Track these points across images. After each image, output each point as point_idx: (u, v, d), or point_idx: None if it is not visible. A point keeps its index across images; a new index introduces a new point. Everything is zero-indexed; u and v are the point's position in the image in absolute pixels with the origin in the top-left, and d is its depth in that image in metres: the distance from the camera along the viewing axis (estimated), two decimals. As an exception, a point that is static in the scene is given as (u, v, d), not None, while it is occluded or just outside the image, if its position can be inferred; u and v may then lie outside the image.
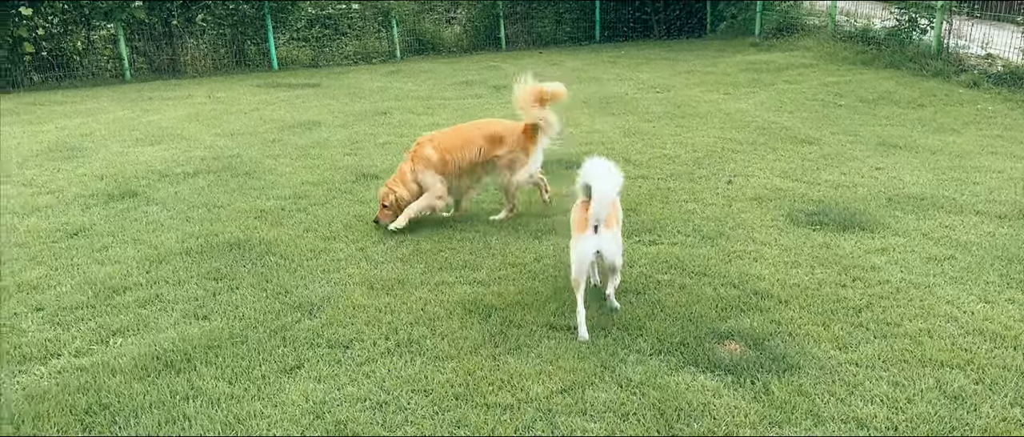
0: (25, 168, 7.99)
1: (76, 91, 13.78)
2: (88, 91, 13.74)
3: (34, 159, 8.36)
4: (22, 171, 7.86)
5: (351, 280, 4.99)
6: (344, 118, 10.45)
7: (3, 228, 6.09)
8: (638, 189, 6.86)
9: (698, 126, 9.39)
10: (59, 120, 10.65)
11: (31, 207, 6.60)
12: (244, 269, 5.18)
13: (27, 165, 8.12)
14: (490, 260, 5.28)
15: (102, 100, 12.44)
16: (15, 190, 7.15)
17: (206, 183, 7.26)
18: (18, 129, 10.12)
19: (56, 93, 13.52)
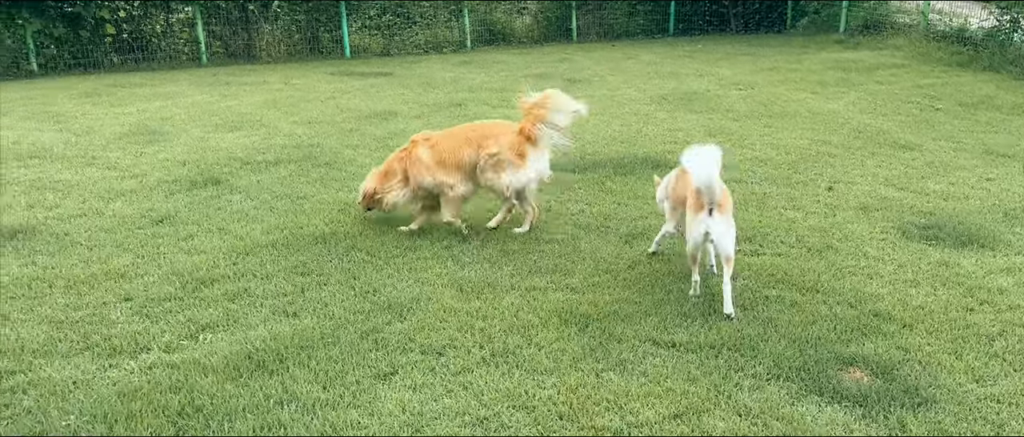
0: (109, 150, 8.05)
1: (154, 74, 13.97)
2: (166, 74, 13.91)
3: (117, 142, 8.42)
4: (106, 153, 7.91)
5: (439, 281, 4.81)
6: (419, 109, 10.32)
7: (90, 212, 6.09)
8: (733, 194, 6.52)
9: (788, 127, 8.99)
10: (140, 103, 10.76)
11: (116, 192, 6.60)
12: (331, 264, 5.05)
13: (110, 147, 8.17)
14: (582, 265, 5.04)
15: (180, 83, 12.57)
16: (100, 173, 7.18)
17: (288, 172, 7.18)
18: (101, 110, 10.25)
19: (135, 75, 13.71)
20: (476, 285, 4.74)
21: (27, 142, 8.34)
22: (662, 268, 4.97)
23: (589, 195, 6.51)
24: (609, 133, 8.79)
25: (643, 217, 5.95)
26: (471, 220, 5.79)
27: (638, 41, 18.39)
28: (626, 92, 11.42)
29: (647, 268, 4.98)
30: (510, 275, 4.90)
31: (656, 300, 4.48)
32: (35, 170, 7.25)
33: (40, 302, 4.50)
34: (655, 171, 6.91)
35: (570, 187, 6.74)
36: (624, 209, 6.16)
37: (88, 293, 4.63)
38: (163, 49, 15.28)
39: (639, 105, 10.45)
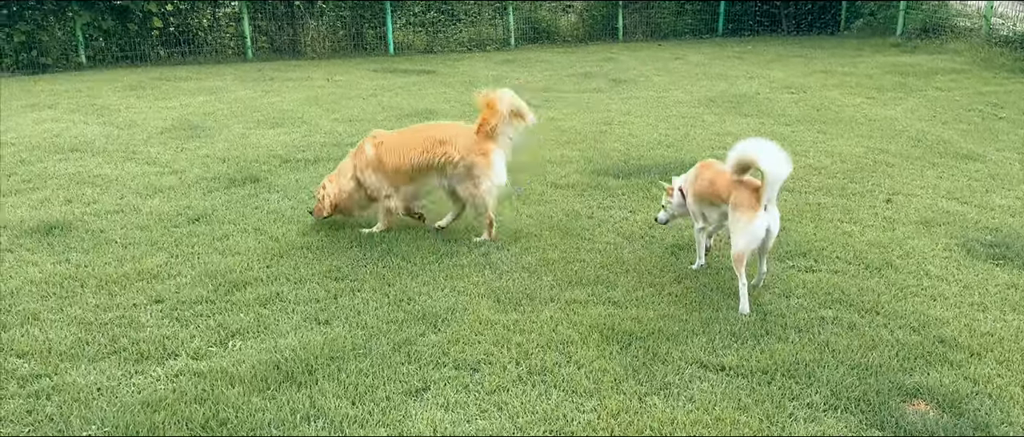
0: (150, 145, 8.03)
1: (200, 67, 14.04)
2: (211, 68, 13.98)
3: (159, 136, 8.42)
4: (147, 148, 7.90)
5: (476, 290, 4.63)
6: (461, 108, 10.15)
7: (127, 208, 6.04)
8: (784, 204, 6.23)
9: (842, 133, 8.64)
10: (183, 97, 10.78)
11: (154, 188, 6.55)
12: (365, 269, 4.90)
13: (152, 142, 8.16)
14: (624, 278, 4.82)
15: (225, 78, 12.59)
16: (139, 168, 7.15)
17: (326, 171, 7.03)
18: (144, 104, 10.29)
19: (180, 69, 13.80)
20: (514, 296, 4.56)
21: (70, 135, 8.37)
22: (710, 282, 4.73)
23: (633, 201, 6.28)
24: (655, 137, 8.53)
25: (690, 226, 5.69)
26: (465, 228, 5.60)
27: (686, 41, 18.02)
28: (673, 94, 11.13)
29: (693, 282, 4.74)
30: (549, 286, 4.70)
31: (704, 318, 4.24)
32: (75, 163, 7.25)
33: (71, 302, 4.43)
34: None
35: (614, 193, 6.52)
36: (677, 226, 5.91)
37: (119, 293, 4.54)
38: (209, 43, 15.37)
39: (687, 108, 10.16)
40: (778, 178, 4.10)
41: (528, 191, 6.55)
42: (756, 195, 4.22)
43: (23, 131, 8.54)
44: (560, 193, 6.55)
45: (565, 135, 8.62)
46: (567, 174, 7.07)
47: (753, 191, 4.26)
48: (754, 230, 4.22)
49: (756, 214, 4.20)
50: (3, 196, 6.32)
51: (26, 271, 4.83)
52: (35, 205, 6.09)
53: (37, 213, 5.89)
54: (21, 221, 5.70)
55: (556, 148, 8.04)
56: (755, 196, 4.22)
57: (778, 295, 4.57)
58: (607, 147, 8.08)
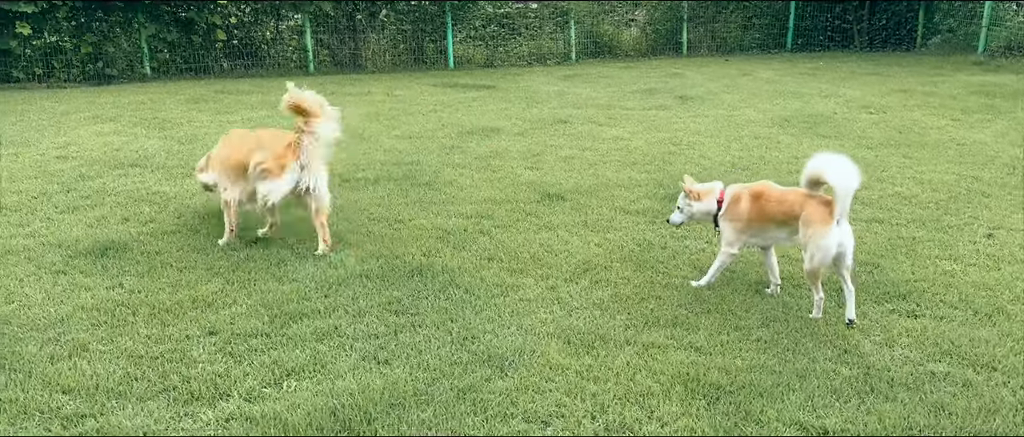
0: (210, 161, 7.92)
1: (262, 80, 14.06)
2: (273, 81, 13.97)
3: (219, 152, 8.31)
4: (207, 164, 7.78)
5: (544, 329, 4.31)
6: (522, 125, 9.88)
7: (184, 229, 5.89)
8: (875, 236, 5.79)
9: (930, 159, 8.09)
10: (245, 111, 10.73)
11: (212, 207, 6.39)
12: (426, 302, 4.62)
13: (212, 158, 8.05)
14: (706, 319, 4.44)
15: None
16: (199, 187, 7.01)
17: (386, 192, 6.84)
18: (206, 117, 10.26)
19: (243, 82, 13.83)
20: (585, 337, 4.22)
21: (130, 149, 8.32)
22: (801, 327, 4.32)
23: (709, 231, 5.88)
24: (728, 159, 8.11)
25: (779, 260, 5.29)
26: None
27: (753, 56, 17.49)
28: (744, 112, 10.67)
29: (783, 326, 4.34)
30: (624, 326, 4.35)
31: (799, 369, 3.84)
32: (134, 179, 7.16)
33: (122, 331, 4.23)
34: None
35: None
36: (752, 250, 5.50)
37: (173, 323, 4.34)
38: (272, 56, 15.42)
39: (759, 127, 9.70)
40: (847, 191, 4.12)
41: (596, 218, 6.21)
42: (829, 209, 4.23)
43: (85, 144, 8.52)
44: (630, 220, 6.19)
45: (631, 156, 8.26)
46: (636, 199, 6.71)
47: (825, 205, 4.27)
48: (827, 245, 4.22)
49: (829, 228, 4.20)
50: (62, 213, 6.23)
51: (78, 296, 4.67)
52: (92, 223, 5.98)
53: (93, 232, 5.77)
54: (77, 240, 5.58)
55: (622, 169, 7.69)
56: (828, 210, 4.23)
57: (879, 344, 4.14)
58: (677, 170, 7.68)
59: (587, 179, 7.34)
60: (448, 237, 5.73)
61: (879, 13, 17.47)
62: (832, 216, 4.20)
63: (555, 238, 5.75)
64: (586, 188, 7.02)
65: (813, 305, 4.47)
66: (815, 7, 17.87)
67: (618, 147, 8.64)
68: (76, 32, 13.59)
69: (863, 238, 5.73)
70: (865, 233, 5.86)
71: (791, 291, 4.82)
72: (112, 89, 12.93)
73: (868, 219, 6.17)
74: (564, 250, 5.51)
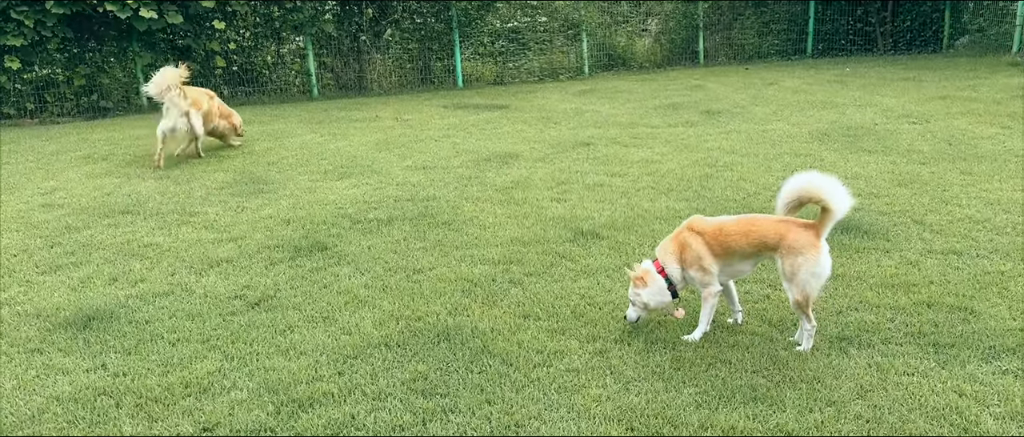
0: (208, 204, 7.28)
1: (264, 107, 13.45)
2: (276, 108, 13.37)
3: (217, 193, 7.67)
4: (204, 208, 7.14)
5: (600, 410, 3.64)
6: (542, 150, 9.22)
7: (178, 289, 5.24)
8: (957, 272, 5.10)
9: (991, 174, 7.39)
10: (246, 143, 10.10)
11: (210, 260, 5.75)
12: (457, 377, 3.96)
13: (210, 200, 7.41)
14: (790, 389, 3.76)
15: (289, 121, 11.92)
16: (194, 234, 6.38)
17: (402, 235, 6.18)
18: (204, 153, 9.63)
19: (243, 110, 13.14)
20: (650, 420, 3.55)
21: (122, 193, 7.69)
22: (903, 398, 3.64)
23: (771, 273, 5.20)
24: (770, 181, 7.43)
25: (856, 306, 4.62)
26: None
27: (773, 64, 16.81)
28: (778, 126, 9.99)
29: (882, 396, 3.66)
30: (694, 403, 3.68)
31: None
32: (125, 229, 6.52)
33: (101, 430, 3.58)
34: (846, 235, 5.58)
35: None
36: (825, 294, 4.82)
37: (161, 417, 3.69)
38: (273, 81, 14.83)
39: (798, 143, 9.02)
40: (843, 214, 3.99)
41: (638, 259, 5.53)
42: (814, 232, 4.00)
43: (74, 189, 7.89)
44: (677, 261, 5.50)
45: (664, 181, 7.59)
46: (680, 234, 6.02)
47: (808, 229, 4.02)
48: (821, 272, 3.99)
49: (820, 253, 3.98)
50: (43, 273, 5.59)
51: (54, 383, 4.02)
52: (75, 286, 5.33)
53: (77, 297, 5.13)
54: (57, 308, 4.94)
55: (657, 198, 7.02)
56: (813, 234, 4.00)
57: (1002, 418, 3.47)
58: (718, 196, 7.02)
59: (621, 211, 6.67)
60: (475, 289, 5.07)
61: (903, 14, 16.78)
62: (819, 239, 3.98)
63: (596, 286, 5.09)
64: (621, 222, 6.35)
65: (803, 336, 4.16)
66: (835, 9, 17.19)
67: (649, 171, 7.97)
68: (69, 64, 13.01)
69: (946, 275, 5.05)
70: (946, 268, 5.17)
71: (882, 349, 4.14)
72: (107, 123, 12.32)
73: (945, 251, 5.48)
74: (608, 301, 4.84)
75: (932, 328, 4.34)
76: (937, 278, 5.03)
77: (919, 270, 5.17)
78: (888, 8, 16.83)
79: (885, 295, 4.81)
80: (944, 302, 4.67)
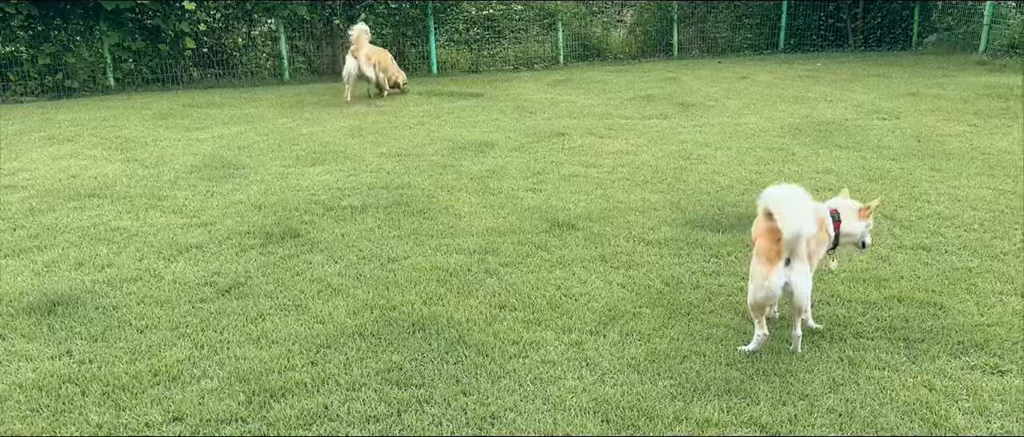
0: (177, 187, 7.16)
1: (234, 91, 13.23)
2: (246, 92, 13.16)
3: (187, 176, 7.54)
4: (174, 192, 7.01)
5: (574, 401, 3.64)
6: (518, 139, 9.18)
7: (147, 274, 5.14)
8: (927, 268, 5.17)
9: (959, 171, 7.50)
10: (216, 127, 9.93)
11: (180, 246, 5.65)
12: (432, 367, 3.93)
13: (179, 183, 7.28)
14: (764, 384, 3.79)
15: (261, 105, 11.74)
16: (163, 219, 6.26)
17: (376, 223, 6.12)
18: (175, 135, 9.46)
19: (214, 93, 13.00)
20: (626, 412, 3.55)
21: (88, 175, 7.52)
22: (877, 393, 3.68)
23: (742, 264, 5.23)
24: (744, 174, 7.48)
25: (828, 300, 4.66)
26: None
27: (746, 57, 16.91)
28: (751, 120, 10.05)
29: (854, 391, 3.70)
30: (669, 394, 3.69)
31: (890, 457, 3.20)
32: (92, 213, 6.38)
33: (66, 419, 3.51)
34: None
35: (717, 252, 5.49)
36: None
37: (129, 406, 3.61)
38: (244, 64, 14.60)
39: (770, 137, 9.08)
40: (793, 240, 3.73)
41: (614, 251, 5.54)
42: (777, 247, 3.82)
43: (38, 171, 7.71)
44: (652, 252, 5.53)
45: (640, 172, 7.60)
46: (655, 226, 6.05)
47: (775, 241, 3.83)
48: (769, 285, 3.86)
49: (774, 268, 3.84)
50: (6, 257, 5.46)
51: (17, 369, 3.93)
52: (40, 270, 5.21)
53: (41, 282, 5.01)
54: (21, 293, 4.82)
55: (633, 189, 7.03)
56: (775, 248, 3.83)
57: (971, 412, 3.53)
58: (692, 188, 7.05)
59: (597, 202, 6.67)
60: (450, 279, 5.04)
61: (874, 12, 16.96)
62: (779, 255, 3.83)
63: (572, 277, 5.08)
64: (598, 214, 6.35)
65: (753, 338, 4.10)
66: (808, 6, 17.33)
67: (624, 163, 7.97)
68: (33, 42, 12.69)
69: (916, 271, 5.12)
70: (916, 263, 5.24)
71: (854, 343, 4.18)
72: (72, 104, 12.05)
73: (914, 246, 5.56)
74: (583, 293, 4.84)
75: (903, 323, 4.39)
76: (908, 273, 5.09)
77: (889, 265, 5.24)
78: (859, 5, 17.01)
79: (857, 290, 4.86)
80: (914, 297, 4.73)
